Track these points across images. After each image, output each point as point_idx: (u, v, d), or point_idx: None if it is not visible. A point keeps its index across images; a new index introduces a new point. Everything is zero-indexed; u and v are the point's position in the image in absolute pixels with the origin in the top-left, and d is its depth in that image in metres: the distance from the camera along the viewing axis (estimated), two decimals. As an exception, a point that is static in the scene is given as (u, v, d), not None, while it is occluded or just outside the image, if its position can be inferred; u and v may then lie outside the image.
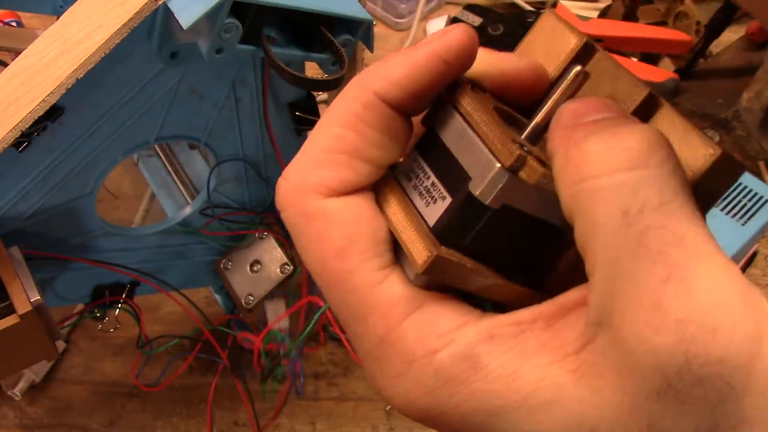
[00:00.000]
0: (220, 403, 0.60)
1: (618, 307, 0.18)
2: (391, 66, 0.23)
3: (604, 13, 0.86)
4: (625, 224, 0.18)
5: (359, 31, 0.45)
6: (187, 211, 0.55)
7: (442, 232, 0.22)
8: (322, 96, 0.74)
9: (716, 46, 0.80)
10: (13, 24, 0.79)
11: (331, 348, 0.63)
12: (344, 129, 0.23)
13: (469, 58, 0.23)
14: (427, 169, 0.23)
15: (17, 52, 0.54)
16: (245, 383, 0.59)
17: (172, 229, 0.55)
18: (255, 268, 0.57)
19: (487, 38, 0.84)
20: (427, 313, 0.22)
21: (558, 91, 0.22)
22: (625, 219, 0.18)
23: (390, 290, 0.22)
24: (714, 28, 0.76)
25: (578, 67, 0.22)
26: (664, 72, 0.78)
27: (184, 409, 0.60)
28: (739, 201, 0.58)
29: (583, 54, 0.25)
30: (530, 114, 0.23)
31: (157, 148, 0.65)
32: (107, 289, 0.54)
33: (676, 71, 0.78)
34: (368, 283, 0.22)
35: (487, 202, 0.21)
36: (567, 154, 0.20)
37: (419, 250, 0.21)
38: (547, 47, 0.25)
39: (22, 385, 0.59)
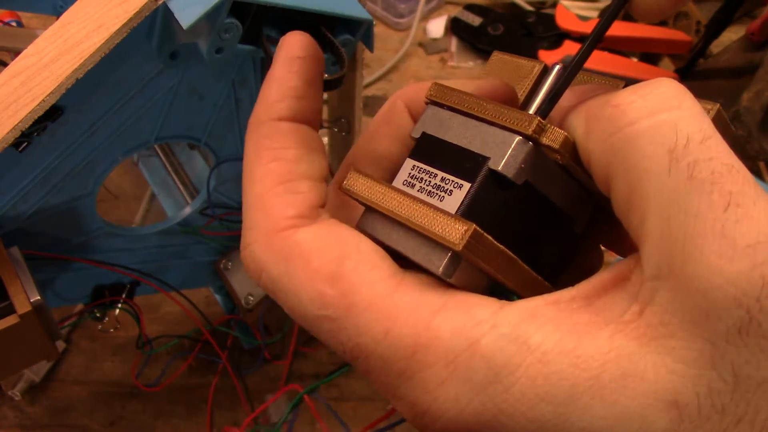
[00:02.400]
0: (220, 403, 0.60)
1: (680, 247, 0.17)
2: (266, 91, 0.24)
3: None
4: (673, 160, 0.18)
5: (359, 31, 0.45)
6: (187, 211, 0.55)
7: (467, 214, 0.21)
8: (322, 96, 0.74)
9: (716, 46, 0.80)
10: (13, 24, 0.79)
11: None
12: (266, 164, 0.23)
13: (314, 47, 0.24)
14: (432, 170, 0.23)
15: (17, 52, 0.54)
16: (245, 383, 0.59)
17: (172, 229, 0.55)
18: (255, 268, 0.57)
19: (487, 38, 0.84)
20: (456, 306, 0.20)
21: (548, 83, 0.23)
22: (672, 156, 0.18)
23: (406, 296, 0.20)
24: (714, 28, 0.76)
25: (560, 65, 0.23)
26: (663, 72, 0.78)
27: (184, 409, 0.60)
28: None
29: (544, 74, 0.26)
30: None
31: (157, 148, 0.65)
32: (107, 289, 0.54)
33: (676, 71, 0.78)
34: (379, 295, 0.20)
35: (511, 176, 0.21)
36: (596, 114, 0.20)
37: (454, 229, 0.20)
38: (508, 77, 0.27)
39: (22, 385, 0.59)
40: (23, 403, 0.60)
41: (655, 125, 0.19)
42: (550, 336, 0.18)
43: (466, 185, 0.22)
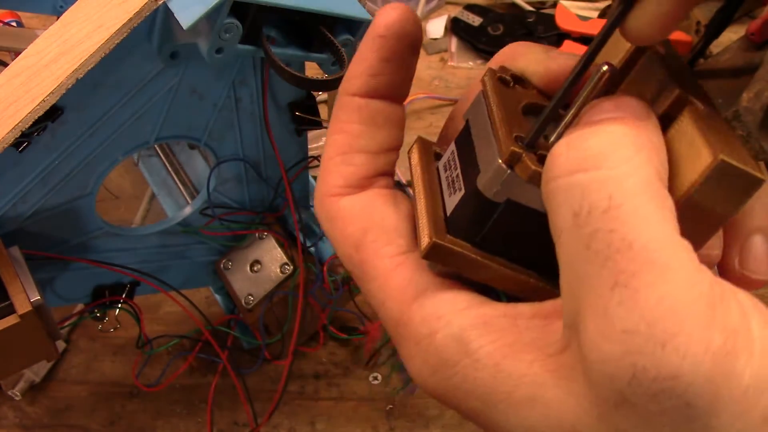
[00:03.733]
0: (220, 403, 0.60)
1: (576, 312, 0.18)
2: (351, 66, 0.26)
3: (604, 13, 0.86)
4: (575, 226, 0.18)
5: (359, 31, 0.45)
6: (187, 211, 0.55)
7: (455, 222, 0.23)
8: (322, 96, 0.74)
9: (716, 46, 0.80)
10: (13, 24, 0.79)
11: (331, 348, 0.63)
12: (333, 135, 0.26)
13: (403, 25, 0.25)
14: (457, 161, 0.25)
15: (17, 52, 0.54)
16: (245, 383, 0.59)
17: (172, 229, 0.55)
18: (255, 268, 0.57)
19: (487, 38, 0.84)
20: (432, 297, 0.23)
21: (587, 90, 0.22)
22: (575, 221, 0.18)
23: (401, 275, 0.23)
24: (714, 28, 0.76)
25: (605, 66, 0.22)
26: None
27: (184, 409, 0.60)
28: (739, 201, 0.58)
29: (637, 54, 0.25)
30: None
31: (157, 148, 0.65)
32: (107, 289, 0.54)
33: (676, 71, 0.78)
34: (384, 270, 0.24)
35: (489, 196, 0.22)
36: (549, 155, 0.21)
37: (423, 236, 0.23)
38: (603, 52, 0.25)
39: (22, 385, 0.59)
40: (23, 403, 0.60)
41: (568, 186, 0.19)
42: (487, 346, 0.21)
43: (462, 191, 0.23)
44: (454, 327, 0.22)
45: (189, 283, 0.59)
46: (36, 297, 0.41)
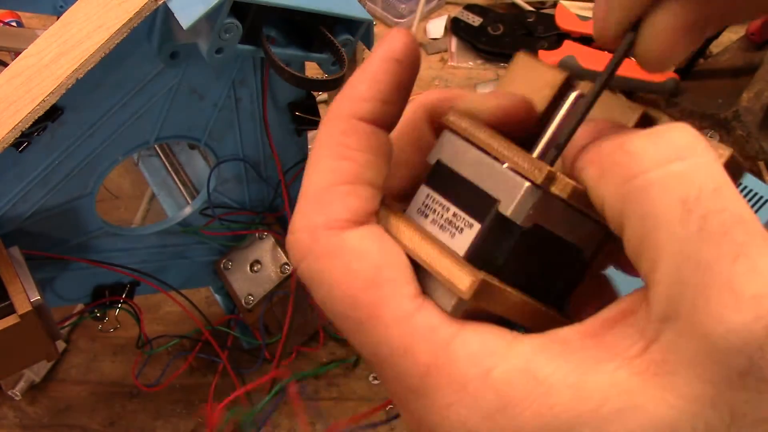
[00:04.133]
0: (220, 403, 0.60)
1: (688, 294, 0.18)
2: (354, 85, 0.23)
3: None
4: (685, 212, 0.18)
5: (359, 31, 0.45)
6: (187, 211, 0.55)
7: (476, 258, 0.22)
8: (322, 96, 0.74)
9: (716, 46, 0.80)
10: (13, 24, 0.79)
11: (331, 348, 0.63)
12: (336, 161, 0.23)
13: (415, 53, 0.24)
14: (445, 202, 0.23)
15: (17, 52, 0.54)
16: (245, 383, 0.59)
17: (172, 229, 0.55)
18: (255, 268, 0.57)
19: (487, 38, 0.84)
20: (473, 334, 0.21)
21: (561, 114, 0.23)
22: (684, 207, 0.19)
23: (430, 316, 0.21)
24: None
25: (577, 92, 0.23)
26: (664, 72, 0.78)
27: (184, 409, 0.60)
28: (739, 201, 0.58)
29: (566, 86, 0.25)
30: (528, 146, 0.24)
31: (157, 148, 0.65)
32: (107, 289, 0.54)
33: (676, 71, 0.78)
34: (405, 312, 0.21)
35: (519, 222, 0.22)
36: (609, 159, 0.20)
37: (461, 278, 0.21)
38: (527, 85, 0.26)
39: (22, 385, 0.59)
40: (23, 403, 0.60)
41: (669, 175, 0.19)
42: (558, 371, 0.19)
43: (476, 226, 0.22)
44: (516, 359, 0.20)
45: (189, 283, 0.59)
46: (36, 297, 0.41)
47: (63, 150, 0.44)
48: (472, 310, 0.22)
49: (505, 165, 0.22)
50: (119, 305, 0.54)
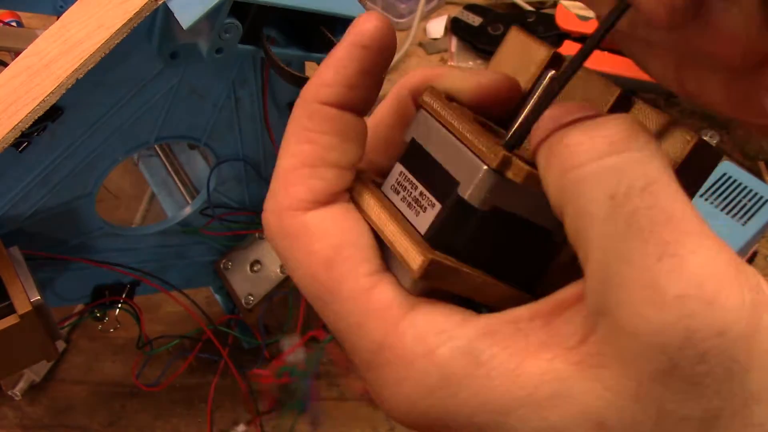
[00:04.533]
0: (220, 403, 0.60)
1: (615, 291, 0.18)
2: (321, 71, 0.24)
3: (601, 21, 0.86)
4: (613, 207, 0.19)
5: (359, 31, 0.45)
6: (187, 211, 0.55)
7: (435, 238, 0.23)
8: (322, 96, 0.74)
9: (716, 46, 0.80)
10: (13, 24, 0.79)
11: (331, 348, 0.63)
12: (299, 144, 0.24)
13: (385, 37, 0.23)
14: (414, 180, 0.24)
15: (17, 52, 0.54)
16: (248, 381, 0.59)
17: (172, 229, 0.55)
18: (255, 268, 0.57)
19: (487, 38, 0.84)
20: (423, 313, 0.22)
21: (536, 95, 0.23)
22: (612, 202, 0.19)
23: (383, 294, 0.22)
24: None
25: (552, 72, 0.23)
26: (664, 72, 0.78)
27: (184, 409, 0.60)
28: (739, 201, 0.58)
29: (552, 64, 0.26)
30: (507, 126, 0.24)
31: (157, 148, 0.65)
32: (107, 289, 0.54)
33: (676, 71, 0.78)
34: (360, 289, 0.22)
35: (477, 205, 0.22)
36: (551, 150, 0.21)
37: (413, 257, 0.22)
38: (517, 62, 0.27)
39: (22, 385, 0.59)
40: (23, 403, 0.60)
41: (599, 170, 0.19)
42: (500, 354, 0.20)
43: (437, 206, 0.23)
44: (460, 340, 0.20)
45: (189, 283, 0.59)
46: (36, 297, 0.41)
47: (63, 150, 0.44)
48: (432, 288, 0.22)
49: (468, 147, 0.22)
50: (119, 305, 0.54)
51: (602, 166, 0.19)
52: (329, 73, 0.24)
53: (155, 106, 0.46)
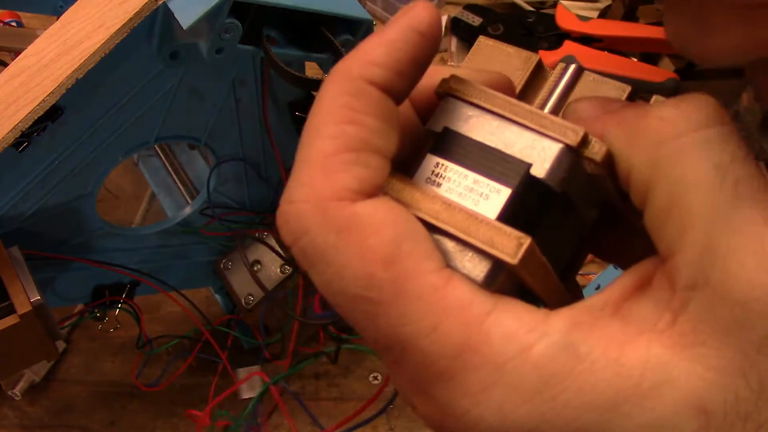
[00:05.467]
0: (221, 403, 0.60)
1: (719, 260, 0.18)
2: (369, 48, 0.21)
3: (604, 13, 0.86)
4: (719, 176, 0.19)
5: (359, 31, 0.45)
6: (187, 211, 0.55)
7: (510, 224, 0.20)
8: (322, 96, 0.74)
9: (716, 46, 0.80)
10: (13, 24, 0.79)
11: (331, 348, 0.63)
12: (341, 125, 0.20)
13: (438, 29, 0.22)
14: (461, 169, 0.22)
15: (17, 52, 0.54)
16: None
17: (172, 229, 0.55)
18: (255, 268, 0.57)
19: (487, 38, 0.84)
20: (506, 310, 0.19)
21: (562, 84, 0.23)
22: (717, 171, 0.19)
23: (460, 291, 0.19)
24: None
25: (575, 65, 0.23)
26: (664, 72, 0.78)
27: (184, 409, 0.60)
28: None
29: (539, 67, 0.26)
30: None
31: (157, 148, 0.65)
32: (107, 289, 0.54)
33: (676, 71, 0.78)
34: (432, 287, 0.19)
35: (554, 185, 0.21)
36: (638, 126, 0.20)
37: (507, 244, 0.19)
38: (496, 65, 0.27)
39: (22, 385, 0.59)
40: (23, 403, 0.60)
41: (703, 140, 0.19)
42: (597, 345, 0.19)
43: (506, 190, 0.21)
44: (555, 335, 0.19)
45: (189, 283, 0.59)
46: (36, 297, 0.41)
47: (63, 150, 0.44)
48: (501, 284, 0.20)
49: (532, 128, 0.21)
50: (119, 305, 0.54)
51: (705, 136, 0.19)
52: (380, 52, 0.21)
53: (155, 106, 0.46)
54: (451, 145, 0.22)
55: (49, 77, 0.39)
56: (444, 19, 0.88)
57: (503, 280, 0.20)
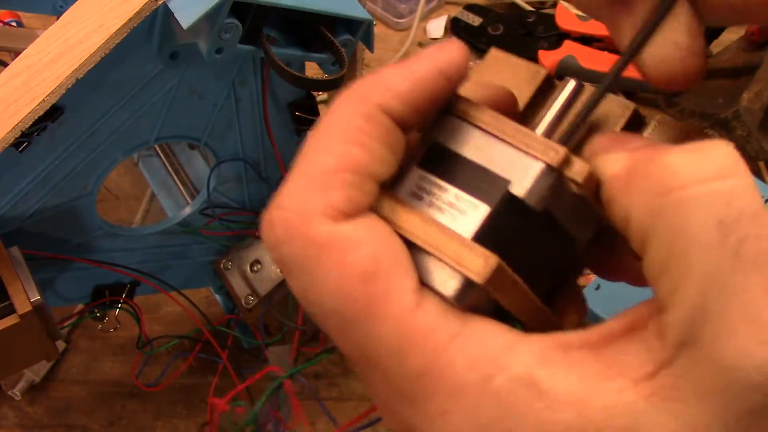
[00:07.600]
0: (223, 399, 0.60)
1: (713, 322, 0.17)
2: (393, 78, 0.21)
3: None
4: (722, 233, 0.17)
5: (359, 31, 0.45)
6: (187, 211, 0.55)
7: (485, 241, 0.20)
8: (322, 96, 0.74)
9: (716, 46, 0.80)
10: (13, 24, 0.79)
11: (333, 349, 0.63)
12: (348, 145, 0.21)
13: (464, 72, 0.22)
14: (444, 184, 0.22)
15: (17, 52, 0.54)
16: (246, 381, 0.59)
17: (172, 229, 0.55)
18: (255, 268, 0.57)
19: (487, 38, 0.84)
20: (472, 336, 0.19)
21: (560, 100, 0.23)
22: (721, 228, 0.17)
23: (429, 314, 0.19)
24: (714, 29, 0.76)
25: (574, 81, 0.23)
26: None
27: (184, 409, 0.60)
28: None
29: (547, 81, 0.26)
30: None
31: (157, 148, 0.65)
32: (107, 289, 0.54)
33: (676, 71, 0.78)
34: (404, 308, 0.19)
35: (533, 203, 0.21)
36: (643, 170, 0.19)
37: (472, 260, 0.20)
38: (504, 80, 0.26)
39: (22, 385, 0.59)
40: (23, 403, 0.60)
41: (708, 193, 0.18)
42: (562, 383, 0.18)
43: (483, 207, 0.21)
44: (517, 367, 0.18)
45: (189, 283, 0.59)
46: (36, 297, 0.41)
47: (63, 150, 0.44)
48: (474, 300, 0.20)
49: (516, 146, 0.21)
50: (119, 305, 0.54)
51: (712, 190, 0.18)
52: (403, 88, 0.21)
53: (155, 106, 0.46)
54: (438, 159, 0.23)
55: (50, 77, 0.39)
56: (444, 19, 0.88)
57: (477, 297, 0.20)
